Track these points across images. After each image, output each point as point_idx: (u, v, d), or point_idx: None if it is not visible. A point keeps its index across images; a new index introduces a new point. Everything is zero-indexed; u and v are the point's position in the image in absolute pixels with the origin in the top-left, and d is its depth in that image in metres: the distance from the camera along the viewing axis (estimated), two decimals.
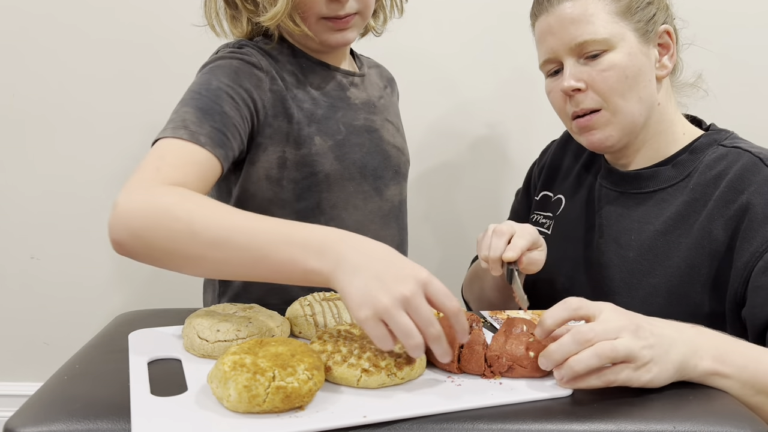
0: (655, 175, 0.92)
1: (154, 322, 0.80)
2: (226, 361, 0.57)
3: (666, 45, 0.91)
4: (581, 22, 0.87)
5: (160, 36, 1.42)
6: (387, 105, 1.09)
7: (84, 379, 0.64)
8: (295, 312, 0.77)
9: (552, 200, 1.06)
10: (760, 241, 0.78)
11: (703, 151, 0.89)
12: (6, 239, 1.49)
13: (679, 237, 0.86)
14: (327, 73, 0.99)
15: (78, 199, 1.48)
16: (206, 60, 0.94)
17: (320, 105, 0.96)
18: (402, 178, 1.08)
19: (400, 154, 1.07)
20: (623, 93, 0.87)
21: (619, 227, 0.93)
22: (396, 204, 1.06)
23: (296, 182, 0.95)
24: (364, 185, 1.00)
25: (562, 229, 1.02)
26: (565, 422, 0.56)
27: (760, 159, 0.84)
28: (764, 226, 0.79)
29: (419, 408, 0.57)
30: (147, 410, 0.56)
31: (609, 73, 0.86)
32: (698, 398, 0.62)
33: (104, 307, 1.51)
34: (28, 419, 0.56)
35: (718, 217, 0.83)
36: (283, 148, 0.93)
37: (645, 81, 0.88)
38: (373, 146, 1.01)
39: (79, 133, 1.46)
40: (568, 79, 0.88)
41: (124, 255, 0.71)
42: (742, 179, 0.83)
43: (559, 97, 0.92)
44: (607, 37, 0.86)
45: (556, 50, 0.89)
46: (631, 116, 0.89)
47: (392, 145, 1.05)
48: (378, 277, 0.59)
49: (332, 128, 0.96)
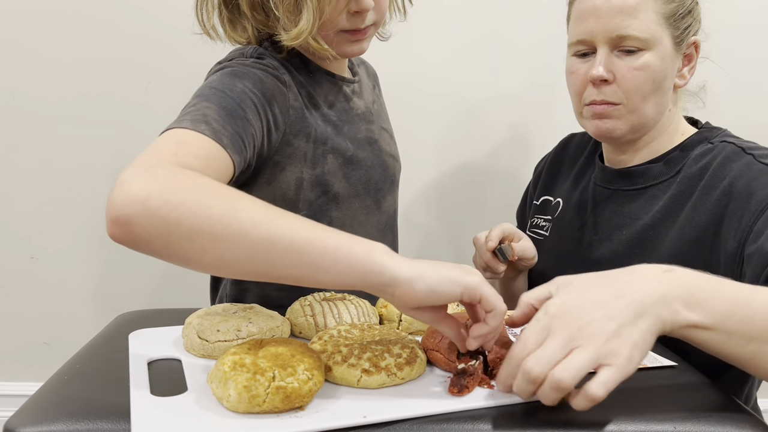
0: (646, 172, 0.94)
1: (154, 322, 0.80)
2: (226, 361, 0.57)
3: (690, 56, 0.92)
4: (630, 14, 0.85)
5: (160, 39, 1.42)
6: (379, 110, 1.08)
7: (84, 379, 0.64)
8: (295, 312, 0.77)
9: (552, 204, 1.08)
10: (748, 217, 0.79)
11: (693, 148, 0.91)
12: (6, 239, 1.49)
13: (666, 229, 0.88)
14: (333, 84, 0.96)
15: (78, 199, 1.48)
16: (218, 63, 0.88)
17: (330, 121, 0.93)
18: (396, 186, 1.07)
19: (395, 162, 1.06)
20: (646, 95, 0.88)
21: (612, 224, 0.95)
22: (391, 213, 1.05)
23: (311, 203, 0.92)
24: (367, 200, 0.98)
25: (560, 231, 1.04)
26: (565, 422, 0.56)
27: (742, 149, 0.86)
28: (749, 203, 0.80)
29: (419, 408, 0.57)
30: (147, 410, 0.55)
31: (640, 72, 0.87)
32: (699, 398, 0.62)
33: (104, 307, 1.51)
34: (28, 419, 0.56)
35: (700, 205, 0.85)
36: (301, 168, 0.90)
37: (666, 88, 0.90)
38: (375, 159, 1.00)
39: (80, 133, 1.46)
40: (599, 68, 0.87)
41: (123, 237, 0.59)
42: (724, 167, 0.85)
43: (580, 79, 0.91)
44: (649, 38, 0.86)
45: (595, 34, 0.88)
46: (644, 117, 0.90)
47: (389, 155, 1.04)
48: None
49: (342, 146, 0.94)
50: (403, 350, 0.64)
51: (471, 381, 0.60)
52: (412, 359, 0.63)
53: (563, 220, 1.04)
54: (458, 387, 0.59)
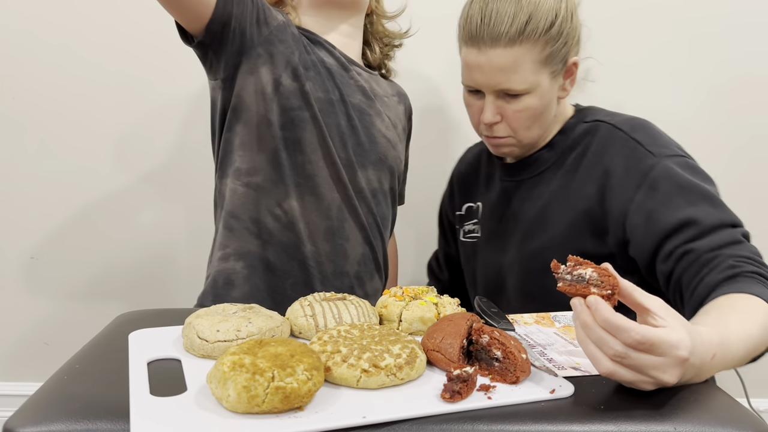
0: (538, 159, 1.07)
1: (154, 322, 0.80)
2: (225, 362, 0.57)
3: (570, 71, 1.02)
4: (508, 71, 0.95)
5: (159, 40, 1.42)
6: (389, 105, 1.12)
7: (84, 379, 0.64)
8: (295, 312, 0.77)
9: (474, 208, 1.19)
10: (625, 193, 0.93)
11: (573, 130, 1.04)
12: (6, 239, 1.49)
13: (562, 203, 1.01)
14: (332, 52, 1.07)
15: (78, 199, 1.48)
16: None
17: (322, 66, 1.04)
18: (388, 170, 1.11)
19: (390, 147, 1.10)
20: (530, 127, 1.01)
21: (523, 209, 1.07)
22: (371, 190, 1.09)
23: (285, 110, 1.01)
24: (344, 151, 1.04)
25: (487, 228, 1.15)
26: (565, 423, 0.56)
27: (613, 125, 1.00)
28: (626, 180, 0.94)
29: (419, 409, 0.57)
30: (146, 410, 0.55)
31: (523, 113, 0.99)
32: (699, 399, 0.62)
33: (104, 307, 1.51)
34: (27, 419, 0.56)
35: (586, 179, 0.99)
36: (280, 71, 1.00)
37: (549, 112, 1.02)
38: (362, 125, 1.06)
39: (80, 134, 1.46)
40: (487, 115, 1.00)
41: None
42: (602, 146, 0.99)
43: (475, 114, 1.04)
44: (528, 86, 0.97)
45: (482, 85, 0.99)
46: (532, 140, 1.04)
47: (383, 135, 1.08)
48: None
49: (326, 85, 1.03)
50: (403, 350, 0.64)
51: (465, 387, 0.60)
52: (412, 359, 0.63)
53: (487, 219, 1.15)
54: (450, 393, 0.59)
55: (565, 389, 0.62)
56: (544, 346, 0.75)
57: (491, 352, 0.66)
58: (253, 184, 1.02)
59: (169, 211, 1.49)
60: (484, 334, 0.67)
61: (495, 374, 0.65)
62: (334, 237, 1.05)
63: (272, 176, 1.02)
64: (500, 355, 0.65)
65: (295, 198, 1.02)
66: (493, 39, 0.94)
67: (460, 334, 0.67)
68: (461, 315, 0.72)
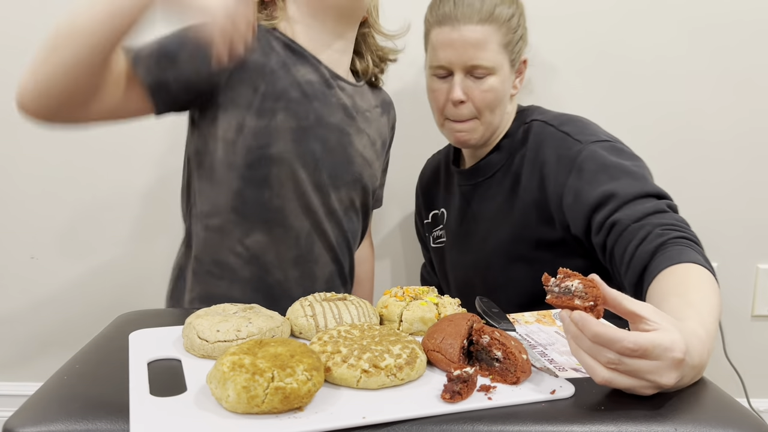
0: (489, 162, 1.14)
1: (154, 322, 0.80)
2: (225, 362, 0.57)
3: (520, 70, 1.12)
4: (479, 47, 1.03)
5: None
6: (371, 120, 1.11)
7: (84, 379, 0.64)
8: (296, 312, 0.77)
9: (439, 215, 1.26)
10: (559, 179, 1.01)
11: (516, 132, 1.12)
12: (6, 239, 1.49)
13: (515, 199, 1.09)
14: (317, 67, 1.04)
15: (78, 199, 1.48)
16: None
17: (297, 90, 1.01)
18: (362, 189, 1.11)
19: (366, 166, 1.10)
20: (493, 109, 1.07)
21: (479, 211, 1.15)
22: (342, 208, 1.08)
23: (250, 149, 0.99)
24: (316, 175, 1.03)
25: (453, 232, 1.21)
26: (565, 424, 0.56)
27: (545, 122, 1.08)
28: (559, 168, 1.01)
29: (419, 409, 0.57)
30: (146, 410, 0.55)
31: (488, 93, 1.05)
32: (700, 399, 0.62)
33: (104, 307, 1.51)
34: (27, 419, 0.56)
35: (531, 175, 1.06)
36: (244, 114, 0.98)
37: (506, 101, 1.10)
38: (339, 146, 1.05)
39: (80, 134, 1.46)
40: (458, 92, 1.05)
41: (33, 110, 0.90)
42: (537, 142, 1.07)
43: (442, 98, 1.08)
44: (494, 65, 1.04)
45: (453, 63, 1.04)
46: (493, 126, 1.10)
47: (360, 154, 1.07)
48: None
49: (299, 112, 1.01)
50: (403, 351, 0.64)
51: (465, 388, 0.60)
52: (412, 360, 0.63)
53: (451, 224, 1.22)
54: (450, 393, 0.59)
55: (565, 390, 0.62)
56: (545, 346, 0.75)
57: (492, 352, 0.66)
58: (213, 226, 1.02)
59: (170, 211, 1.49)
60: (484, 334, 0.67)
61: (495, 375, 0.65)
62: (304, 263, 1.05)
63: (232, 218, 1.01)
64: (501, 355, 0.65)
65: (263, 232, 1.02)
66: (466, 16, 1.02)
67: (461, 334, 0.67)
68: (462, 315, 0.72)
